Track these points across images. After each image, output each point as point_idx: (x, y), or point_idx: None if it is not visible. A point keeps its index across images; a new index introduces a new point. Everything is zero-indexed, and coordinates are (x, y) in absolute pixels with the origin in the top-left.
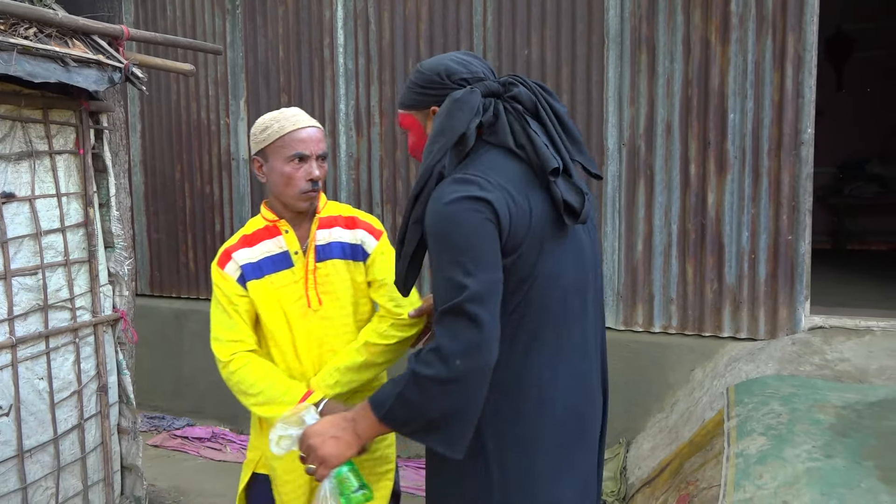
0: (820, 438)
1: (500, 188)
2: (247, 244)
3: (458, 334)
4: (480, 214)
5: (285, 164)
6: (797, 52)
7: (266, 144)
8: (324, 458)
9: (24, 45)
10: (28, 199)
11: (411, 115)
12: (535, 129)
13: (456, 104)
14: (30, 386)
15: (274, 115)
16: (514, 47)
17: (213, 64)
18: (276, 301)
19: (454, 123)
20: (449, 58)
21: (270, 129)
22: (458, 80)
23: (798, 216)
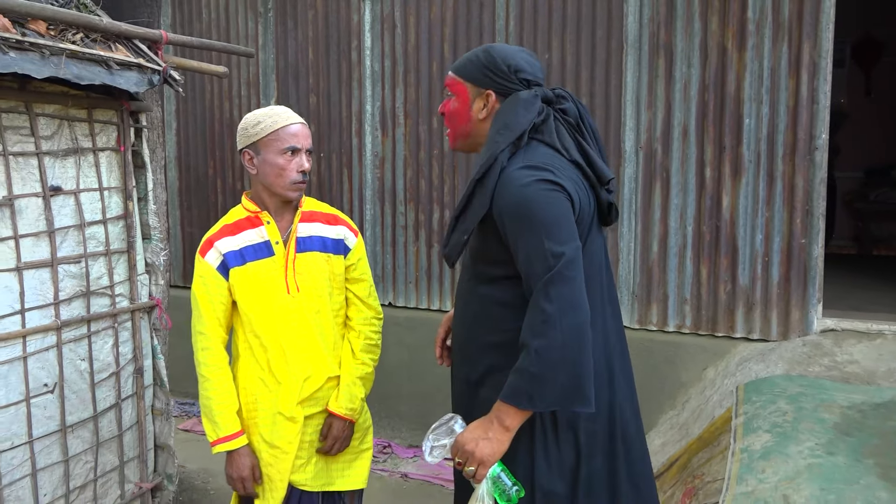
0: (823, 436)
1: (567, 177)
2: (229, 233)
3: (560, 298)
4: (559, 193)
5: (278, 157)
6: (812, 59)
7: (259, 138)
8: (481, 459)
9: (72, 50)
10: (73, 193)
11: (465, 84)
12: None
13: (523, 104)
14: (72, 366)
15: (265, 111)
16: (536, 51)
17: (246, 65)
18: (257, 287)
19: (521, 121)
20: (520, 54)
21: (263, 124)
22: (521, 78)
23: (811, 220)
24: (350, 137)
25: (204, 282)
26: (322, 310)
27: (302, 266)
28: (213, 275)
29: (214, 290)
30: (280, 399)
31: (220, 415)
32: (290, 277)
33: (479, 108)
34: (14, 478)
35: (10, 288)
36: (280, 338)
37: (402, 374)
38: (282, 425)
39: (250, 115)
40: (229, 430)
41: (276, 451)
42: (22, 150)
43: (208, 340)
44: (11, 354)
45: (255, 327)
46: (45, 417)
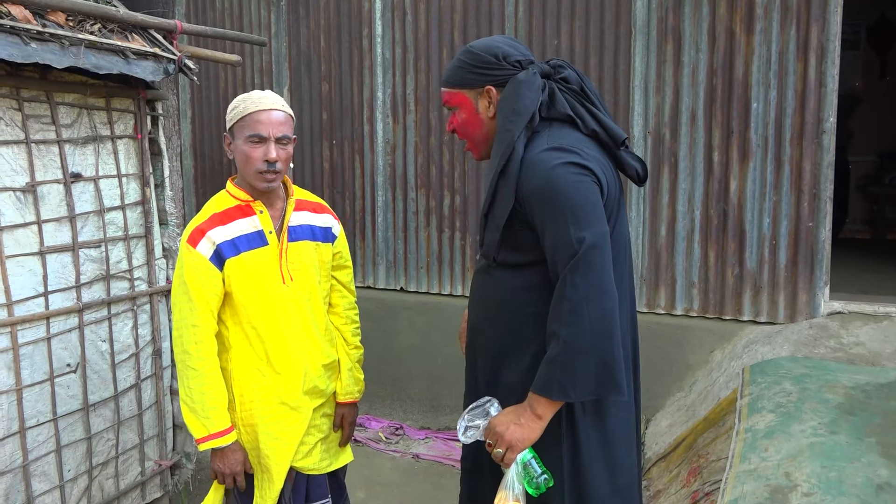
0: (826, 416)
1: (593, 158)
2: (220, 222)
3: (586, 284)
4: (587, 177)
5: (244, 144)
6: (821, 43)
7: (232, 123)
8: (511, 443)
9: (90, 40)
10: (93, 179)
11: (462, 93)
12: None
13: (524, 85)
14: (94, 347)
15: (244, 96)
16: (545, 37)
17: (259, 54)
18: (252, 278)
19: (527, 103)
20: (500, 41)
21: (237, 109)
22: (513, 62)
23: (819, 204)
24: (361, 124)
25: (197, 273)
26: (313, 297)
27: (294, 255)
28: (207, 265)
29: (208, 281)
30: (282, 389)
31: (214, 409)
32: (283, 267)
33: (486, 106)
34: (40, 454)
35: (34, 271)
36: (278, 327)
37: (414, 357)
38: (286, 415)
39: (235, 99)
40: (222, 426)
41: (277, 443)
42: (43, 138)
43: (202, 333)
44: (36, 335)
45: (252, 318)
46: (68, 396)
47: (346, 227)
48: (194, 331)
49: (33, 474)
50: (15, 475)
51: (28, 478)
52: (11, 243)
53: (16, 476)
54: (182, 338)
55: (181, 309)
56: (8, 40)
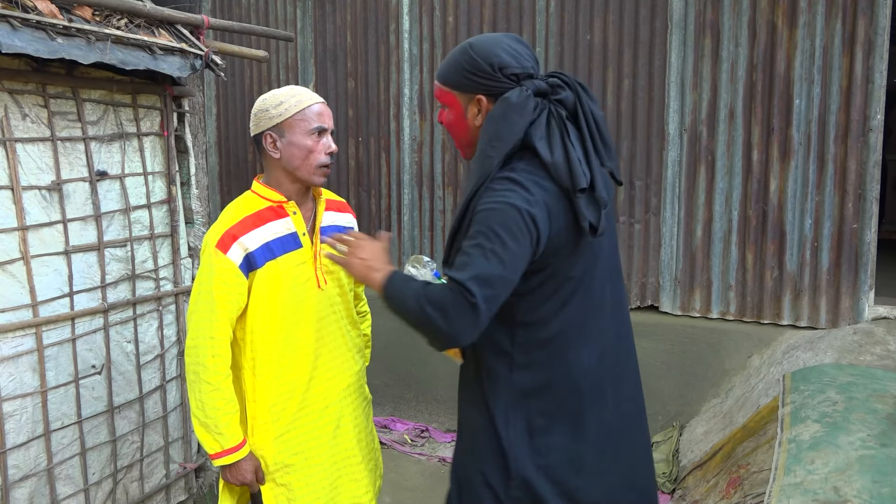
0: (876, 427)
1: (542, 204)
2: (253, 226)
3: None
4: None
5: (306, 138)
6: (868, 36)
7: (283, 119)
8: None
9: (116, 35)
10: (119, 177)
11: (453, 94)
12: (572, 140)
13: (513, 109)
14: (119, 348)
15: (284, 90)
16: (577, 32)
17: (285, 50)
18: (286, 282)
19: (513, 129)
20: (501, 47)
21: (287, 104)
22: (509, 74)
23: (864, 204)
24: (388, 121)
25: (225, 281)
26: (346, 301)
27: (324, 258)
28: (236, 274)
29: (235, 290)
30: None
31: (227, 426)
32: (318, 270)
33: (475, 114)
34: (64, 457)
35: (60, 271)
36: (312, 334)
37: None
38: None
39: (269, 96)
40: (236, 441)
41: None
42: (69, 136)
43: (220, 346)
44: (61, 336)
45: (288, 325)
46: (93, 398)
47: (372, 226)
48: (212, 343)
49: (58, 478)
50: (39, 478)
51: (53, 481)
52: (37, 243)
53: (40, 479)
54: (198, 349)
55: (200, 318)
56: (34, 35)
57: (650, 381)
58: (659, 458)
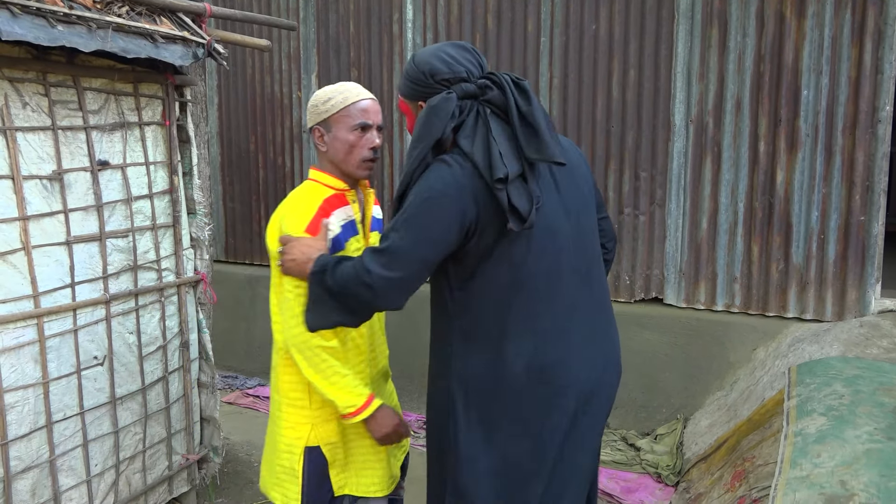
0: (883, 421)
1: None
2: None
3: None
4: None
5: (349, 133)
6: (878, 26)
7: (330, 114)
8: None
9: (117, 23)
10: (120, 167)
11: (406, 102)
12: (494, 136)
13: (432, 111)
14: (121, 339)
15: (335, 87)
16: (582, 22)
17: (287, 39)
18: None
19: (431, 130)
20: (436, 55)
21: (334, 100)
22: (440, 80)
23: (872, 196)
24: (391, 112)
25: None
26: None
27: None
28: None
29: None
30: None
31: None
32: None
33: None
34: (66, 448)
35: (61, 262)
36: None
37: None
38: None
39: (320, 92)
40: (366, 395)
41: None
42: (70, 125)
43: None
44: (63, 327)
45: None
46: (95, 390)
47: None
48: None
49: (60, 469)
50: (42, 470)
51: (55, 473)
52: (38, 233)
53: (42, 471)
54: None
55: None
56: (34, 23)
57: (654, 374)
58: (663, 451)
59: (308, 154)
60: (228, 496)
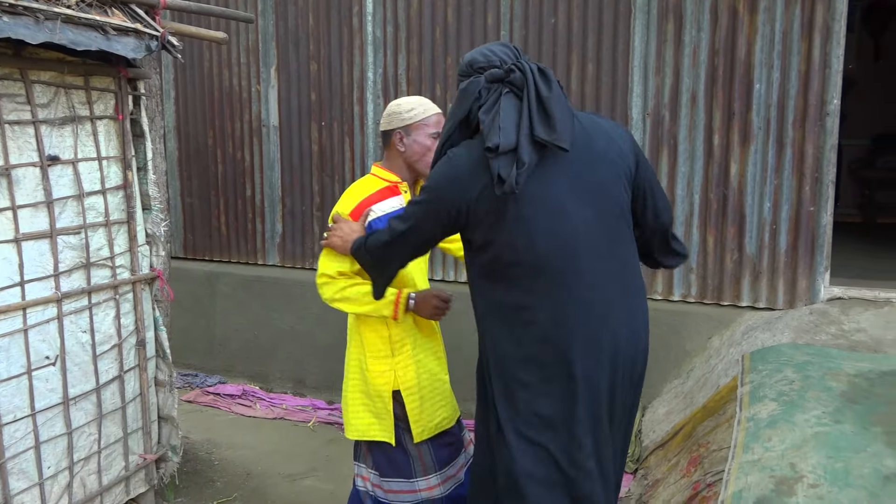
0: (830, 405)
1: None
2: (380, 199)
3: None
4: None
5: (427, 139)
6: (826, 22)
7: (412, 122)
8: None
9: (67, 15)
10: (71, 162)
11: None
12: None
13: (462, 92)
14: (74, 338)
15: (416, 100)
16: (541, 16)
17: (245, 32)
18: None
19: (457, 110)
20: (479, 50)
21: (416, 111)
22: (476, 68)
23: (821, 187)
24: (351, 105)
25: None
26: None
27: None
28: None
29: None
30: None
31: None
32: None
33: None
34: (17, 450)
35: (9, 260)
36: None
37: None
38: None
39: (403, 102)
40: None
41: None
42: (18, 119)
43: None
44: (12, 327)
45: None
46: (47, 390)
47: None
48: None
49: (11, 472)
50: None
51: (5, 476)
52: None
53: None
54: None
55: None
56: None
57: None
58: None
59: (268, 149)
60: (188, 496)
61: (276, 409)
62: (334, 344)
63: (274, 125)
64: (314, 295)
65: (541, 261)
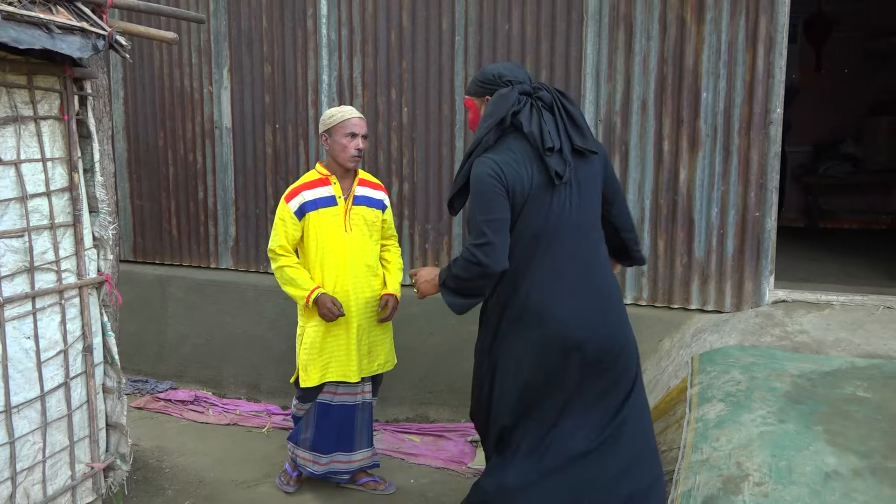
0: (775, 405)
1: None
2: (308, 187)
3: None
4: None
5: (343, 138)
6: (769, 34)
7: (332, 125)
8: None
9: (8, 12)
10: (13, 164)
11: (472, 99)
12: (546, 120)
13: (501, 97)
14: (17, 344)
15: (337, 108)
16: (495, 22)
17: (197, 32)
18: (324, 225)
19: (499, 110)
20: (503, 65)
21: (335, 117)
22: (505, 80)
23: (765, 193)
24: (306, 108)
25: (284, 219)
26: (366, 243)
27: (354, 214)
28: (292, 216)
29: (291, 225)
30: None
31: (302, 279)
32: (346, 221)
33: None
34: None
35: None
36: (340, 260)
37: None
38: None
39: (328, 110)
40: (311, 286)
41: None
42: None
43: (285, 249)
44: None
45: (325, 253)
46: None
47: None
48: (281, 248)
49: None
50: None
51: None
52: None
53: None
54: (275, 250)
55: (276, 234)
56: None
57: None
58: None
59: (220, 151)
60: None
61: (229, 415)
62: (288, 348)
63: (227, 127)
64: (268, 299)
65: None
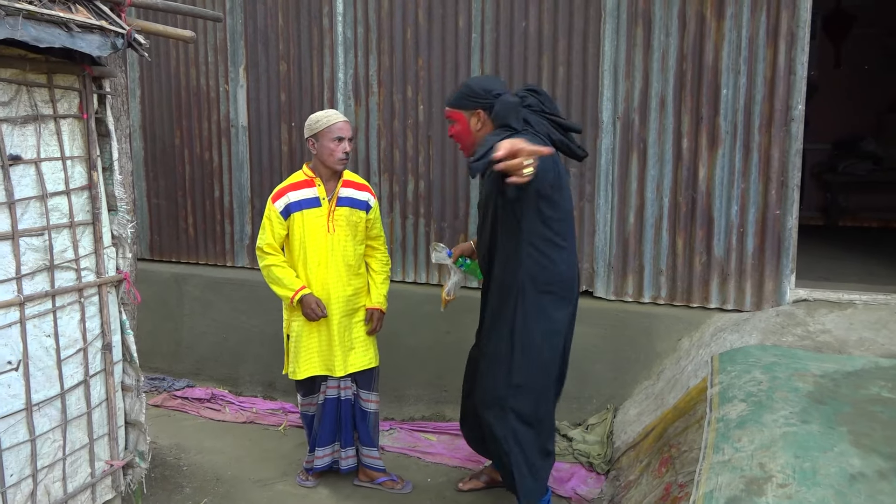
0: (797, 405)
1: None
2: (294, 189)
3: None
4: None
5: (329, 142)
6: (790, 29)
7: (318, 130)
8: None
9: (29, 11)
10: (34, 162)
11: (460, 112)
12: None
13: (508, 106)
14: (37, 342)
15: (323, 112)
16: (513, 20)
17: (213, 31)
18: (308, 226)
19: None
20: (486, 79)
21: (321, 122)
22: (494, 94)
23: (786, 191)
24: (322, 106)
25: (271, 218)
26: (347, 244)
27: (338, 215)
28: (278, 215)
29: (277, 224)
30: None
31: (288, 279)
32: (330, 221)
33: (475, 123)
34: None
35: None
36: (322, 259)
37: None
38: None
39: (314, 115)
40: (298, 286)
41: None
42: None
43: (272, 247)
44: None
45: (307, 252)
46: (9, 396)
47: None
48: (268, 245)
49: None
50: None
51: None
52: None
53: None
54: (262, 248)
55: (264, 233)
56: None
57: (585, 366)
58: (594, 440)
59: (237, 149)
60: (156, 502)
61: (245, 413)
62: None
63: (243, 125)
64: None
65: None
